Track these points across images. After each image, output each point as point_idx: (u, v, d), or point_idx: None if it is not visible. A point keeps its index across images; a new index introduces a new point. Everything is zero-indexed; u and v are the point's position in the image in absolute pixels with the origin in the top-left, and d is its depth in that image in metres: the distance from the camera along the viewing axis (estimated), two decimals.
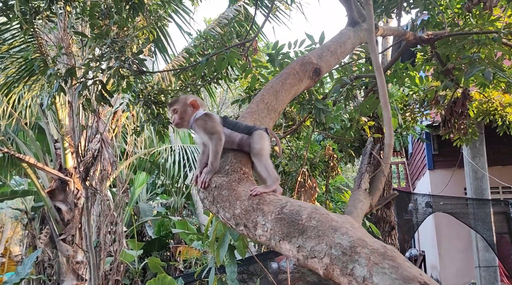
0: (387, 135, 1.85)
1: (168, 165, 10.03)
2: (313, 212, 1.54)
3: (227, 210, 1.73)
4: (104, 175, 6.69)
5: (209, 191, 1.81)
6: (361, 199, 1.70)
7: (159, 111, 6.33)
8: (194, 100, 2.13)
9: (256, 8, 6.38)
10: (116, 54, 3.48)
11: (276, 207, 1.62)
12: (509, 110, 6.75)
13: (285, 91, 2.22)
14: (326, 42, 2.67)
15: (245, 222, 1.67)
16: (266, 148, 1.94)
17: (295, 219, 1.55)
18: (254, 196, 1.70)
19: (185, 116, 2.11)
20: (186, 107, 2.11)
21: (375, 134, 6.26)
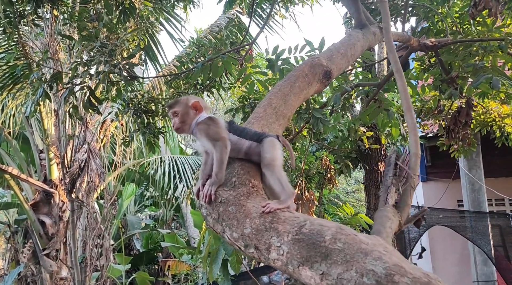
0: (412, 142, 1.65)
1: (158, 177, 9.73)
2: (337, 233, 1.32)
3: (234, 229, 1.50)
4: (91, 187, 6.38)
5: (214, 207, 1.58)
6: (390, 217, 1.48)
7: (150, 121, 6.08)
8: (197, 102, 1.91)
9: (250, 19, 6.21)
10: (106, 57, 3.24)
11: (293, 226, 1.40)
12: (508, 121, 6.64)
13: (294, 95, 2.01)
14: (335, 44, 2.48)
15: (256, 244, 1.44)
16: (278, 157, 1.71)
17: (316, 241, 1.32)
18: (266, 213, 1.47)
19: (186, 119, 1.88)
20: (188, 110, 1.88)
21: (373, 145, 6.08)
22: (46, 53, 3.65)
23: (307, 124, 5.14)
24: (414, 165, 1.62)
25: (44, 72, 4.18)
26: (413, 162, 1.63)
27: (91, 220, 6.61)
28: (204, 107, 1.91)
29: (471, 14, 4.25)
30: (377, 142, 6.28)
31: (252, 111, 6.68)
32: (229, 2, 5.03)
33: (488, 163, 8.91)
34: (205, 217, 1.61)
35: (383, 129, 4.70)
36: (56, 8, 5.33)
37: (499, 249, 8.16)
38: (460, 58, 4.20)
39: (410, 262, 1.24)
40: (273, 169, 1.66)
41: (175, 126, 1.89)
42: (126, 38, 3.60)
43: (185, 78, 6.01)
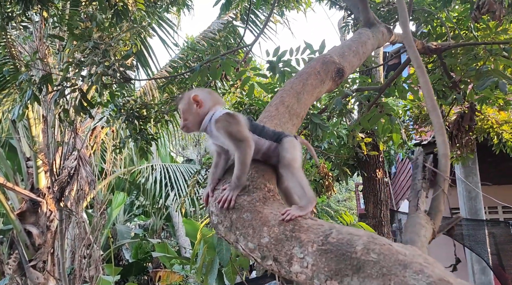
0: (440, 143, 1.51)
1: (149, 185, 9.50)
2: (370, 242, 1.16)
3: (250, 238, 1.33)
4: (81, 196, 6.15)
5: (226, 214, 1.41)
6: (423, 224, 1.34)
7: (142, 127, 5.91)
8: (196, 95, 1.66)
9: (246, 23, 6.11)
10: (99, 58, 3.07)
11: (318, 236, 1.24)
12: (505, 128, 6.58)
13: (307, 93, 1.87)
14: (345, 41, 2.35)
15: (275, 255, 1.28)
16: (299, 158, 1.55)
17: (346, 252, 1.17)
18: (287, 221, 1.31)
19: (188, 116, 1.66)
20: (189, 105, 1.66)
21: (371, 152, 5.96)
22: (36, 54, 3.46)
23: (305, 129, 5.02)
24: (445, 168, 1.48)
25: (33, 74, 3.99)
26: (443, 164, 1.49)
27: (80, 230, 6.36)
28: (211, 100, 1.68)
29: (473, 17, 4.16)
30: (375, 149, 6.16)
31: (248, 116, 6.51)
32: (225, 5, 4.90)
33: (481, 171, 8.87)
34: (216, 225, 1.44)
35: (383, 134, 4.58)
36: (46, 10, 5.15)
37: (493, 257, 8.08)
38: (463, 62, 4.11)
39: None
40: (293, 170, 1.49)
41: (182, 125, 1.69)
42: (121, 38, 3.44)
43: (179, 83, 5.86)
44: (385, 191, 6.76)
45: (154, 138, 5.90)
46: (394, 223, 11.60)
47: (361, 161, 6.55)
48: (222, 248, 5.12)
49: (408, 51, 1.76)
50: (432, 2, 5.13)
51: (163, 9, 7.04)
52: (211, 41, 8.03)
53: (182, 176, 9.91)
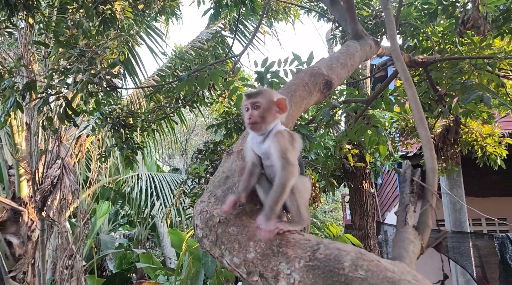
0: (428, 157, 1.50)
1: (134, 194, 9.38)
2: (358, 258, 1.14)
3: (235, 253, 1.30)
4: (64, 205, 6.03)
5: (211, 228, 1.37)
6: (412, 239, 1.32)
7: (128, 135, 5.85)
8: (284, 99, 1.58)
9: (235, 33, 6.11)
10: (85, 66, 3.02)
11: (306, 251, 1.21)
12: (489, 141, 6.66)
13: (295, 104, 1.85)
14: (333, 53, 2.35)
15: (261, 271, 1.24)
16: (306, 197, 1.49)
17: (334, 268, 1.14)
18: (275, 235, 1.28)
19: (267, 116, 1.54)
20: (272, 106, 1.56)
21: (358, 163, 5.98)
22: (20, 60, 3.40)
23: None
24: (432, 182, 1.47)
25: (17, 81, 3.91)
26: (431, 178, 1.48)
27: (62, 240, 6.22)
28: (287, 110, 1.60)
29: (459, 32, 4.22)
30: (362, 160, 6.18)
31: (236, 127, 6.49)
32: (214, 15, 4.89)
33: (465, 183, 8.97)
34: (201, 239, 1.40)
35: (370, 146, 4.59)
36: (31, 16, 5.09)
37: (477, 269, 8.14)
38: (449, 76, 4.16)
39: None
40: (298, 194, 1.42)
41: (252, 120, 1.54)
42: (108, 46, 3.40)
43: (166, 92, 5.82)
44: (371, 203, 6.78)
45: (140, 147, 5.84)
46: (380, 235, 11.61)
47: (348, 172, 6.56)
48: (207, 260, 5.07)
49: (396, 64, 1.76)
50: (418, 16, 5.20)
51: (151, 18, 7.03)
52: (199, 50, 8.02)
53: (168, 186, 9.81)
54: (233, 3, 4.74)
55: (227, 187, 1.49)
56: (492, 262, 6.26)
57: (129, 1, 5.56)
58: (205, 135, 18.27)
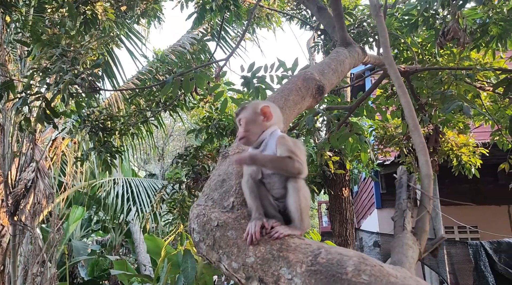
0: (423, 163, 1.52)
1: (110, 199, 9.17)
2: (361, 263, 1.13)
3: (234, 258, 1.27)
4: (38, 209, 5.83)
5: (208, 231, 1.34)
6: (410, 245, 1.33)
7: (107, 139, 5.73)
8: (266, 106, 1.58)
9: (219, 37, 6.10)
10: (67, 66, 2.95)
11: (307, 255, 1.20)
12: (464, 150, 6.83)
13: (289, 109, 1.85)
14: (324, 59, 2.36)
15: (261, 276, 1.22)
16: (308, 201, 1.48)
17: (336, 273, 1.13)
18: (274, 239, 1.26)
19: (250, 127, 1.55)
20: (255, 116, 1.56)
21: (338, 170, 6.02)
22: None
23: None
24: (428, 188, 1.48)
25: None
26: (426, 184, 1.49)
27: (35, 246, 6.01)
28: (274, 114, 1.59)
29: (439, 43, 4.33)
30: (342, 168, 6.23)
31: (217, 132, 6.44)
32: (198, 19, 4.87)
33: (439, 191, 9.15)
34: (197, 243, 1.37)
35: (352, 153, 4.64)
36: (8, 14, 4.94)
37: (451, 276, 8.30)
38: (429, 86, 4.25)
39: None
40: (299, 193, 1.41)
41: (240, 136, 1.57)
42: (91, 46, 3.32)
43: (147, 95, 5.74)
44: (350, 210, 6.83)
45: (119, 151, 5.73)
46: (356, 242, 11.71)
47: (328, 179, 6.60)
48: (187, 266, 4.99)
49: (389, 71, 1.78)
50: (399, 27, 5.31)
51: (132, 21, 6.94)
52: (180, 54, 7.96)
53: (145, 191, 9.65)
54: (218, 8, 4.73)
55: (224, 190, 1.46)
56: (466, 269, 6.39)
57: (111, 2, 5.49)
58: (182, 140, 18.12)
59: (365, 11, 5.70)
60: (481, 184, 9.58)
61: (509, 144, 5.43)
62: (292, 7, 7.11)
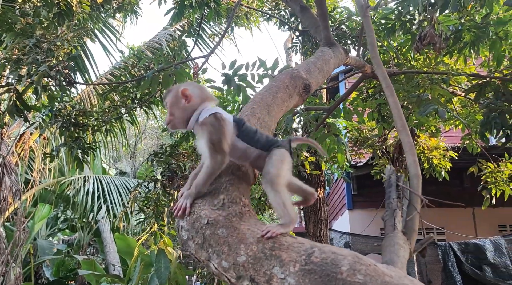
0: (411, 163, 1.52)
1: (80, 197, 8.92)
2: (356, 263, 1.12)
3: (224, 257, 1.23)
4: (3, 207, 5.60)
5: (198, 229, 1.30)
6: (401, 244, 1.33)
7: (79, 135, 5.57)
8: (185, 89, 1.53)
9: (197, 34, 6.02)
10: (42, 57, 2.83)
11: (300, 254, 1.17)
12: (435, 153, 6.99)
13: (277, 106, 1.83)
14: (310, 58, 2.35)
15: (252, 275, 1.19)
16: (284, 174, 1.47)
17: (331, 272, 1.11)
18: (267, 239, 1.23)
19: (174, 111, 1.53)
20: (177, 99, 1.53)
21: (313, 171, 6.05)
22: None
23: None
24: (417, 187, 1.49)
25: None
26: (415, 184, 1.50)
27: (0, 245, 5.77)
28: (200, 96, 1.54)
29: (416, 48, 4.40)
30: (318, 168, 6.26)
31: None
32: (177, 15, 4.79)
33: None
34: (186, 241, 1.32)
35: (329, 154, 4.67)
36: None
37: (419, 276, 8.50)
38: (406, 89, 4.32)
39: None
40: (277, 187, 1.41)
41: (166, 121, 1.56)
42: (67, 38, 3.20)
43: (122, 91, 5.61)
44: (325, 210, 6.87)
45: (91, 147, 5.57)
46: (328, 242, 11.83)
47: (304, 179, 6.61)
48: (160, 266, 4.90)
49: (376, 71, 1.78)
50: (376, 30, 5.39)
51: (108, 15, 6.77)
52: (156, 51, 7.83)
53: (116, 190, 9.44)
54: (198, 5, 4.67)
55: (214, 187, 1.42)
56: (436, 269, 6.54)
57: None
58: (154, 138, 17.84)
59: (343, 13, 5.76)
60: (449, 186, 9.85)
61: (478, 148, 5.59)
62: (270, 7, 7.11)
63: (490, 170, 5.68)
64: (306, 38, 6.10)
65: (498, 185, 5.59)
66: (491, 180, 5.67)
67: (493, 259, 6.18)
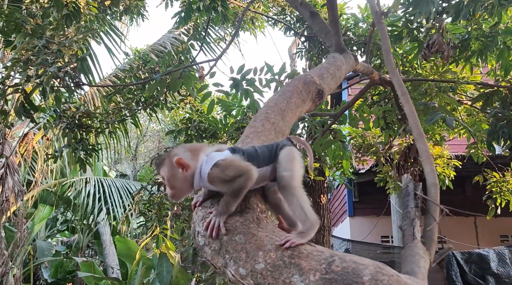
0: (429, 172, 1.50)
1: (81, 199, 8.89)
2: (378, 273, 1.10)
3: (242, 263, 1.21)
4: (5, 207, 5.58)
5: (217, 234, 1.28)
6: (422, 255, 1.30)
7: (83, 136, 5.56)
8: (179, 158, 1.46)
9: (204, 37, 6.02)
10: (52, 57, 2.82)
11: (320, 263, 1.15)
12: (439, 162, 6.96)
13: (291, 111, 1.81)
14: (322, 64, 2.34)
15: (270, 283, 1.17)
16: (298, 175, 1.42)
17: (352, 282, 1.09)
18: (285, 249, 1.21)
19: (175, 183, 1.47)
20: (173, 171, 1.46)
21: (317, 177, 6.03)
22: None
23: None
24: (435, 197, 1.47)
25: None
26: (433, 193, 1.48)
27: (1, 245, 5.74)
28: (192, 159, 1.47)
29: (423, 55, 4.39)
30: (321, 174, 6.24)
31: (197, 134, 6.34)
32: (184, 18, 4.79)
33: None
34: (202, 247, 1.30)
35: (334, 160, 4.66)
36: None
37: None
38: (413, 96, 4.31)
39: None
40: (293, 191, 1.37)
41: (168, 194, 1.50)
42: (77, 39, 3.19)
43: (127, 93, 5.61)
44: (328, 217, 6.85)
45: (95, 149, 5.56)
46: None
47: (307, 185, 6.59)
48: (162, 270, 4.86)
49: (392, 78, 1.77)
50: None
51: (114, 17, 6.77)
52: (160, 53, 7.84)
53: (117, 192, 9.41)
54: (205, 8, 4.67)
55: None
56: (437, 278, 6.50)
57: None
58: (155, 141, 17.84)
59: (349, 19, 5.76)
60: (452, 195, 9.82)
61: (483, 157, 5.57)
62: (276, 12, 7.11)
63: (495, 179, 5.65)
64: (312, 44, 6.10)
65: (503, 195, 5.56)
66: (496, 190, 5.64)
67: (497, 269, 6.15)
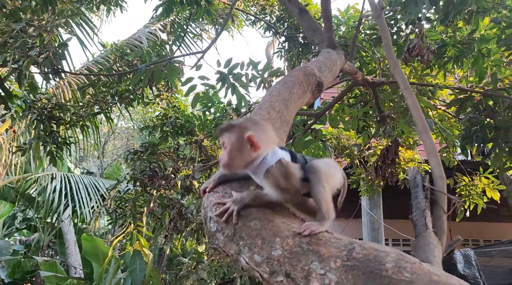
0: (435, 165, 1.51)
1: (47, 195, 8.53)
2: (400, 260, 1.08)
3: (257, 250, 1.16)
4: None
5: (228, 220, 1.23)
6: (435, 244, 1.30)
7: (53, 129, 5.35)
8: (252, 136, 1.36)
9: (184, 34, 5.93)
10: (33, 41, 2.67)
11: (340, 250, 1.12)
12: (411, 165, 7.12)
13: (294, 101, 1.78)
14: (318, 58, 2.33)
15: (288, 270, 1.12)
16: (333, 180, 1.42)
17: (375, 269, 1.06)
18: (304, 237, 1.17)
19: (236, 155, 1.36)
20: (242, 145, 1.36)
21: None
22: None
23: None
24: (442, 189, 1.47)
25: None
26: (440, 185, 1.48)
27: None
28: (264, 142, 1.38)
29: (404, 59, 4.48)
30: None
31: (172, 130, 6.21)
32: (166, 11, 4.69)
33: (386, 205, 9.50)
34: (213, 233, 1.24)
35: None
36: None
37: None
38: (396, 97, 4.38)
39: None
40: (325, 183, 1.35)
41: (222, 162, 1.38)
42: (59, 24, 3.05)
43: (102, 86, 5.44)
44: None
45: (66, 142, 5.35)
46: None
47: None
48: (135, 268, 4.71)
49: (394, 72, 1.77)
50: (362, 40, 5.46)
51: (89, 8, 6.57)
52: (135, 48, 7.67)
53: (85, 189, 9.10)
54: (188, 2, 4.59)
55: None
56: None
57: None
58: (123, 139, 17.44)
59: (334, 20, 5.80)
60: None
61: (455, 161, 5.73)
62: (256, 12, 7.10)
63: (465, 183, 5.82)
64: (292, 44, 6.11)
65: (471, 198, 5.73)
66: (465, 193, 5.81)
67: (463, 270, 6.32)
